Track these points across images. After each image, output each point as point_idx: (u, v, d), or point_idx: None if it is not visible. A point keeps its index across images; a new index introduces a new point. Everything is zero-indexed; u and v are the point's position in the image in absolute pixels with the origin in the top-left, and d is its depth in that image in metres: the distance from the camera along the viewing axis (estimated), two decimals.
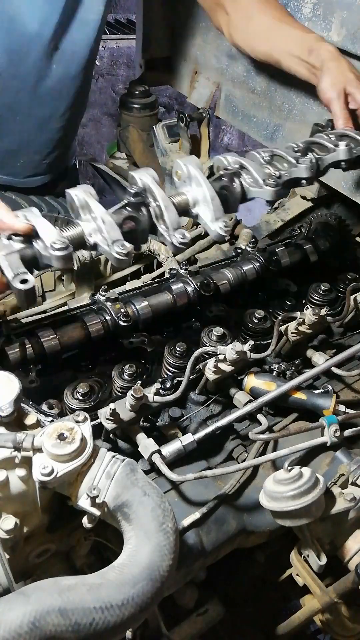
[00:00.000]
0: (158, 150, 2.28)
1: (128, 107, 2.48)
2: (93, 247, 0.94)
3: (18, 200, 1.91)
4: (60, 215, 1.98)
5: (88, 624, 0.67)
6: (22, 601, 0.67)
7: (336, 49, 1.54)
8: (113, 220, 0.93)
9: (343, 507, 0.96)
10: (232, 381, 1.14)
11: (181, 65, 2.54)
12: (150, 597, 0.72)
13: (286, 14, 1.73)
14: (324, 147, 1.22)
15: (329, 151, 1.21)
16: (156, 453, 0.96)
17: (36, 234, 0.91)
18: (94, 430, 0.86)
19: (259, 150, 1.19)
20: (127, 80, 4.14)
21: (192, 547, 0.95)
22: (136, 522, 0.78)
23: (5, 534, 0.81)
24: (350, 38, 1.70)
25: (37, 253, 0.91)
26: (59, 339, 1.14)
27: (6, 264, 0.87)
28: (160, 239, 1.01)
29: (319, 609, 1.03)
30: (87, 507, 0.79)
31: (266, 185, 1.07)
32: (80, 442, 0.79)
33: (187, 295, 1.31)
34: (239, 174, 1.10)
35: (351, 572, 0.97)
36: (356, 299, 1.34)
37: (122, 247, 0.91)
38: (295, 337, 1.20)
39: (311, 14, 1.79)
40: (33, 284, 0.87)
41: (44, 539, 0.91)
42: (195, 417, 1.11)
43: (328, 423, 1.00)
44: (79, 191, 0.96)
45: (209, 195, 1.01)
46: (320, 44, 1.57)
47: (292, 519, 0.92)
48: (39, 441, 0.79)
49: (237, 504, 1.02)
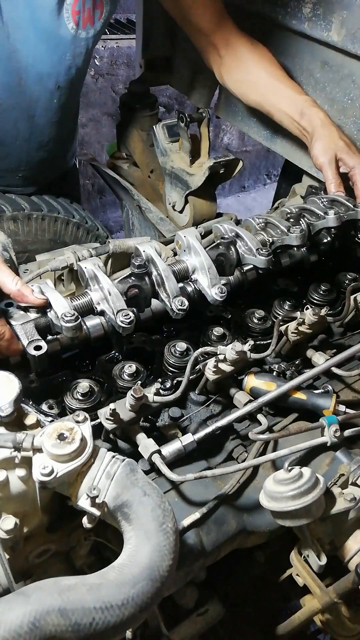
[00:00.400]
0: (158, 150, 2.28)
1: (128, 107, 2.48)
2: (100, 314, 1.06)
3: (18, 200, 1.91)
4: (60, 215, 1.98)
5: (88, 624, 0.67)
6: (22, 601, 0.67)
7: (326, 115, 1.66)
8: (118, 290, 1.05)
9: (343, 507, 0.96)
10: (232, 381, 1.14)
11: (181, 65, 2.54)
12: (150, 597, 0.72)
13: (279, 68, 1.80)
14: (314, 213, 1.34)
15: (319, 218, 1.33)
16: (156, 453, 0.96)
17: (49, 305, 1.03)
18: (94, 430, 0.86)
19: (254, 217, 1.32)
20: (127, 80, 4.15)
21: (192, 547, 0.95)
22: (136, 522, 0.78)
23: (5, 534, 0.81)
24: (350, 38, 1.71)
25: (50, 322, 1.03)
26: (59, 339, 1.14)
27: (22, 332, 0.99)
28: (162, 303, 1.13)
29: (319, 609, 1.03)
30: (87, 507, 0.79)
31: (259, 255, 1.19)
32: (80, 442, 0.79)
33: (187, 295, 1.31)
34: (235, 242, 1.22)
35: (351, 572, 0.97)
36: (356, 298, 1.34)
37: (125, 316, 1.01)
38: (295, 337, 1.20)
39: (311, 13, 1.80)
40: (46, 349, 0.98)
41: (44, 539, 0.91)
42: (195, 417, 1.11)
43: (328, 423, 1.00)
44: (89, 264, 1.09)
45: (206, 264, 1.13)
46: (312, 109, 1.67)
47: (292, 519, 0.92)
48: (39, 441, 0.79)
49: (237, 504, 1.02)
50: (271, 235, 1.25)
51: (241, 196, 6.16)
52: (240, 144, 5.65)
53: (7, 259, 1.55)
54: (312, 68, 1.90)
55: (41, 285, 1.07)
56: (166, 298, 1.10)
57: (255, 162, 6.01)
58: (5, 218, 1.85)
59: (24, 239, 1.92)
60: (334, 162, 1.55)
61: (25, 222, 1.90)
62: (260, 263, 1.20)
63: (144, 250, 1.13)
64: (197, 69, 2.41)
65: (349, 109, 1.83)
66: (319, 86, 1.90)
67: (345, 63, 1.78)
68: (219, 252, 1.21)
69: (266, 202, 5.58)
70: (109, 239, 1.87)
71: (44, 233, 1.96)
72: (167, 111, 4.80)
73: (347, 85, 1.81)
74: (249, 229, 1.32)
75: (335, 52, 1.79)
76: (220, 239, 1.23)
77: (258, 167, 6.12)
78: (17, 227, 1.89)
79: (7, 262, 1.57)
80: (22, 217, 1.89)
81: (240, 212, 5.49)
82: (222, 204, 5.73)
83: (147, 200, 2.37)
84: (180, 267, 1.16)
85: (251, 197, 6.17)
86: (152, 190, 2.50)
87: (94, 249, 1.68)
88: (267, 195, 5.72)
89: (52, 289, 1.06)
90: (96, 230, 2.12)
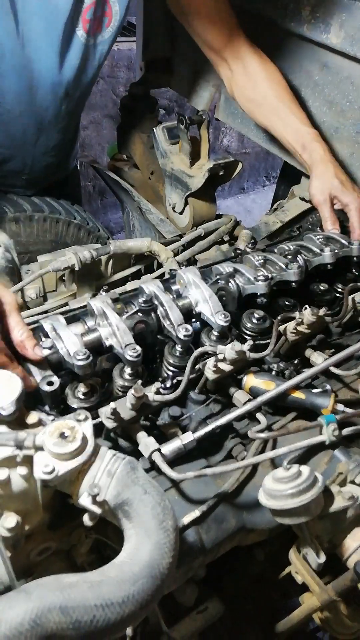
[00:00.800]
0: (158, 152, 2.29)
1: (128, 110, 2.49)
2: (109, 349, 1.11)
3: (20, 202, 1.92)
4: (61, 216, 1.99)
5: (89, 622, 0.67)
6: (23, 599, 0.67)
7: (326, 151, 1.70)
8: (126, 325, 1.10)
9: (342, 505, 0.97)
10: (232, 380, 1.14)
11: (181, 68, 2.55)
12: (150, 594, 0.72)
13: (287, 90, 1.82)
14: (311, 250, 1.42)
15: (316, 255, 1.41)
16: (156, 451, 0.97)
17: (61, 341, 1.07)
18: (95, 429, 0.86)
19: (253, 254, 1.39)
20: (127, 83, 4.15)
21: (192, 545, 0.96)
22: (136, 520, 0.79)
23: (7, 532, 0.81)
24: (349, 40, 1.71)
25: (61, 358, 1.06)
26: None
27: (35, 369, 1.04)
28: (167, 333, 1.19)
29: (318, 607, 1.03)
30: (88, 505, 0.80)
31: (257, 281, 1.25)
32: (82, 440, 0.80)
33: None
34: (233, 275, 1.29)
35: (350, 570, 0.98)
36: (354, 299, 1.35)
37: (133, 350, 1.05)
38: (294, 337, 1.21)
39: (310, 16, 1.80)
40: (58, 385, 1.01)
41: (45, 537, 0.91)
42: (195, 416, 1.12)
43: (327, 422, 1.01)
44: (98, 302, 1.15)
45: (206, 294, 1.20)
46: (313, 144, 1.71)
47: (291, 517, 0.93)
48: (41, 440, 0.80)
49: (236, 502, 1.02)
50: (270, 272, 1.32)
51: (240, 198, 6.17)
52: (240, 146, 5.67)
53: (10, 259, 1.56)
54: (311, 70, 1.91)
55: (53, 323, 1.11)
56: (171, 327, 1.16)
57: (254, 164, 6.02)
58: (7, 219, 1.86)
59: (25, 240, 1.93)
60: (328, 200, 1.60)
61: (27, 224, 1.91)
62: (260, 289, 1.25)
63: (148, 287, 1.21)
64: (197, 71, 2.42)
65: (348, 112, 1.84)
66: (317, 88, 1.91)
67: (344, 65, 1.79)
68: (219, 287, 1.28)
69: (265, 203, 5.58)
70: (110, 240, 1.88)
71: (45, 234, 1.97)
72: (167, 113, 4.82)
73: (346, 88, 1.81)
74: (249, 265, 1.39)
75: (334, 54, 1.79)
76: (219, 276, 1.29)
77: (257, 169, 6.13)
78: (19, 228, 1.90)
79: (9, 262, 1.58)
80: (24, 218, 1.90)
81: (239, 213, 5.50)
82: (222, 206, 5.74)
83: (147, 201, 2.38)
84: (185, 302, 1.23)
85: (250, 198, 6.18)
86: (152, 192, 2.51)
87: (95, 250, 1.69)
88: (266, 197, 5.73)
89: (63, 326, 1.10)
90: (97, 232, 2.13)
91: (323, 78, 1.88)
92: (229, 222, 2.06)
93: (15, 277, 1.61)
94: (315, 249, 1.42)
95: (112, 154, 2.69)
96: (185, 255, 1.86)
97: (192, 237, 1.97)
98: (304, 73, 1.94)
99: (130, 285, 1.62)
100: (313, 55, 1.88)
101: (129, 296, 1.32)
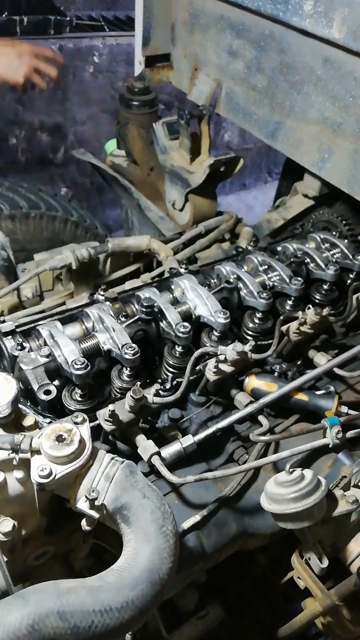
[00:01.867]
0: (158, 147, 2.27)
1: (127, 105, 2.47)
2: (107, 353, 1.11)
3: (16, 199, 1.90)
4: (58, 213, 1.97)
5: (87, 627, 0.67)
6: (20, 604, 0.67)
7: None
8: (122, 327, 1.11)
9: (345, 510, 0.95)
10: (233, 382, 1.13)
11: (181, 62, 2.52)
12: (149, 600, 0.71)
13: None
14: (316, 263, 1.41)
15: (320, 269, 1.40)
16: (156, 455, 0.96)
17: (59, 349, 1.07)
18: (93, 432, 0.85)
19: (256, 254, 1.39)
20: (126, 77, 4.12)
21: (193, 550, 0.94)
22: (135, 525, 0.77)
23: (3, 537, 0.80)
24: (352, 35, 1.69)
25: (59, 366, 1.05)
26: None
27: (33, 377, 1.02)
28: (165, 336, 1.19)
29: (321, 612, 1.02)
30: (85, 510, 0.78)
31: (260, 298, 1.25)
32: (79, 443, 0.79)
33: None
34: (238, 288, 1.30)
35: (353, 574, 0.96)
36: (358, 298, 1.33)
37: (130, 349, 1.05)
38: (297, 337, 1.19)
39: (312, 10, 1.78)
40: (55, 394, 1.00)
41: (42, 541, 0.90)
42: (196, 419, 1.10)
43: (330, 424, 0.99)
44: (94, 309, 1.17)
45: (203, 295, 1.22)
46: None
47: (293, 521, 0.91)
48: (37, 443, 0.79)
49: (237, 507, 1.01)
50: (272, 280, 1.33)
51: (242, 194, 6.14)
52: (241, 142, 5.64)
53: (5, 258, 1.54)
54: (314, 65, 1.89)
55: (51, 329, 1.11)
56: (170, 328, 1.16)
57: (256, 159, 5.99)
58: (3, 216, 1.84)
59: (22, 237, 1.91)
60: None
61: (23, 221, 1.90)
62: (261, 306, 1.27)
63: (145, 294, 1.23)
64: (197, 66, 2.40)
65: (351, 107, 1.82)
66: (320, 83, 1.89)
67: (347, 60, 1.77)
68: (222, 296, 1.29)
69: (267, 200, 5.55)
70: (108, 237, 1.87)
71: (42, 232, 1.95)
72: (167, 108, 4.79)
73: (349, 83, 1.79)
74: (251, 267, 1.39)
75: (337, 49, 1.77)
76: (224, 284, 1.30)
77: (259, 165, 6.10)
78: (15, 225, 1.88)
79: (4, 261, 1.56)
80: (20, 215, 1.88)
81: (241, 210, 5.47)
82: (223, 202, 5.71)
83: (146, 198, 2.36)
84: (184, 308, 1.24)
85: (252, 195, 6.15)
86: (151, 189, 2.49)
87: (92, 248, 1.67)
88: (269, 194, 5.69)
89: (61, 333, 1.11)
90: (95, 229, 2.11)
91: (326, 73, 1.86)
92: (230, 220, 2.04)
93: (11, 276, 1.60)
94: (321, 262, 1.40)
95: (110, 150, 2.67)
96: (186, 253, 1.84)
97: (192, 235, 1.95)
98: (307, 68, 1.92)
99: (129, 284, 1.60)
100: (315, 50, 1.85)
101: (127, 296, 1.30)
